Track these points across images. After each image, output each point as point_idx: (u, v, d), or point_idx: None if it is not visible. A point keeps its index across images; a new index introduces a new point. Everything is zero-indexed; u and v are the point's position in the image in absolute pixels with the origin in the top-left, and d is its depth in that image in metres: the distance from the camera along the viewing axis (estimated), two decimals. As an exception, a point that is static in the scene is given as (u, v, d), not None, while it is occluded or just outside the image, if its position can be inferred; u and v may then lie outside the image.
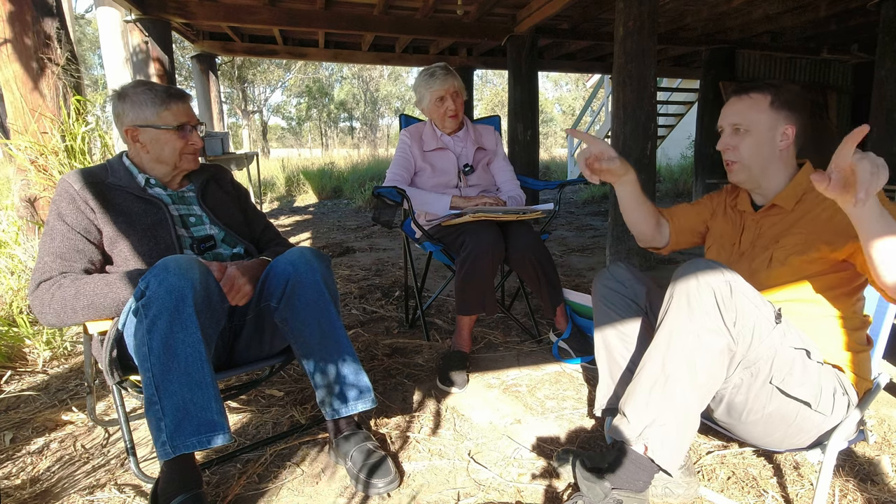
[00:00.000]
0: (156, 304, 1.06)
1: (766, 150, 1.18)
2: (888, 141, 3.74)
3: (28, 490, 1.26)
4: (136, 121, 1.33)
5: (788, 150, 1.19)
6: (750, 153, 1.19)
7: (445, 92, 2.09)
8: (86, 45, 19.60)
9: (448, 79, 2.09)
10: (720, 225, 1.36)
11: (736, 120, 1.20)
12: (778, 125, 1.17)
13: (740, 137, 1.20)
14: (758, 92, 1.18)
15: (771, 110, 1.17)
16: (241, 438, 1.48)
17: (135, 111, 1.33)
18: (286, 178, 8.75)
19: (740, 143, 1.20)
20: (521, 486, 1.27)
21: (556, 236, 4.80)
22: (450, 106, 2.10)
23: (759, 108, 1.18)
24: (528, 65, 5.25)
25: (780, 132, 1.17)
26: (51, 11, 2.64)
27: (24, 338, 2.02)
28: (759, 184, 1.23)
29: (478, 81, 17.48)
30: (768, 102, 1.17)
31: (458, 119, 2.16)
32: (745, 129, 1.19)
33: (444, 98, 2.10)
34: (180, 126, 1.36)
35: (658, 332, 1.07)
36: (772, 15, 4.74)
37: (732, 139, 1.21)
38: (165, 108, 1.34)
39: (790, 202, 1.18)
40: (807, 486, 1.25)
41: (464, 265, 1.82)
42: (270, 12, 4.72)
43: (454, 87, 2.10)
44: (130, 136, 1.35)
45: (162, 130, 1.34)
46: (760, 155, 1.19)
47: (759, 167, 1.20)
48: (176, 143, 1.36)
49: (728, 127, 1.22)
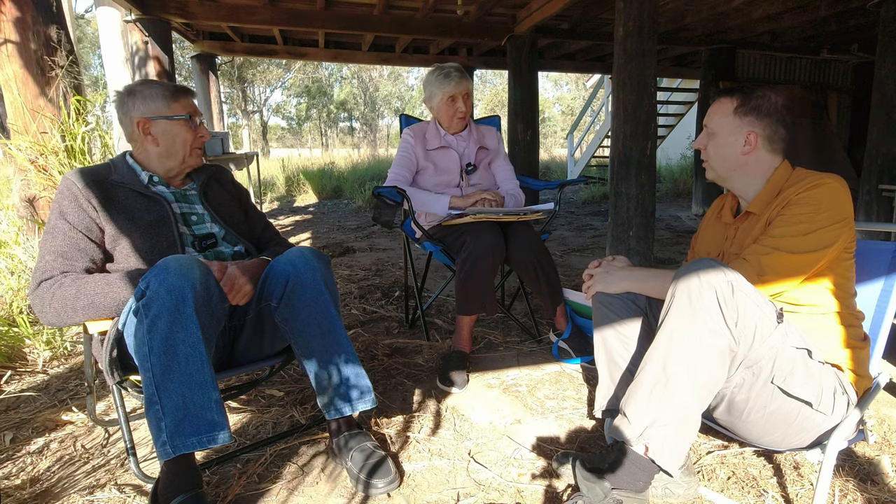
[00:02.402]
0: (156, 304, 1.06)
1: (729, 153, 1.22)
2: (888, 141, 3.74)
3: (28, 490, 1.26)
4: (146, 113, 1.34)
5: (755, 154, 1.21)
6: (715, 155, 1.25)
7: (458, 93, 2.10)
8: (86, 45, 19.59)
9: (462, 81, 2.10)
10: (702, 241, 1.40)
11: (706, 121, 1.26)
12: (740, 131, 1.20)
13: (709, 139, 1.25)
14: (726, 96, 1.22)
15: (734, 116, 1.20)
16: (241, 438, 1.48)
17: (145, 104, 1.35)
18: (286, 178, 8.76)
19: (708, 145, 1.26)
20: (521, 486, 1.27)
21: (556, 236, 4.80)
22: (460, 107, 2.12)
23: (723, 112, 1.22)
24: (528, 65, 5.25)
25: (743, 138, 1.20)
26: (51, 11, 2.64)
27: (24, 338, 2.02)
28: (731, 185, 1.28)
29: (478, 81, 17.50)
30: (733, 108, 1.20)
31: (466, 121, 2.18)
32: (712, 131, 1.24)
33: (455, 99, 2.11)
34: (190, 117, 1.38)
35: (659, 331, 1.07)
36: (772, 15, 4.74)
37: (703, 139, 1.27)
38: (175, 100, 1.37)
39: (761, 207, 1.21)
40: (807, 486, 1.25)
41: (464, 265, 1.82)
42: (270, 12, 4.72)
43: (467, 89, 2.12)
44: (142, 129, 1.35)
45: (174, 121, 1.36)
46: (723, 157, 1.23)
47: (724, 169, 1.25)
48: (186, 136, 1.38)
49: (704, 127, 1.28)
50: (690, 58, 7.27)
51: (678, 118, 9.53)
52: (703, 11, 4.75)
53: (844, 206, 1.10)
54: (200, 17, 4.55)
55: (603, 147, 9.98)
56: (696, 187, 6.36)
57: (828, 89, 6.72)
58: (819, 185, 1.11)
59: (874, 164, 3.83)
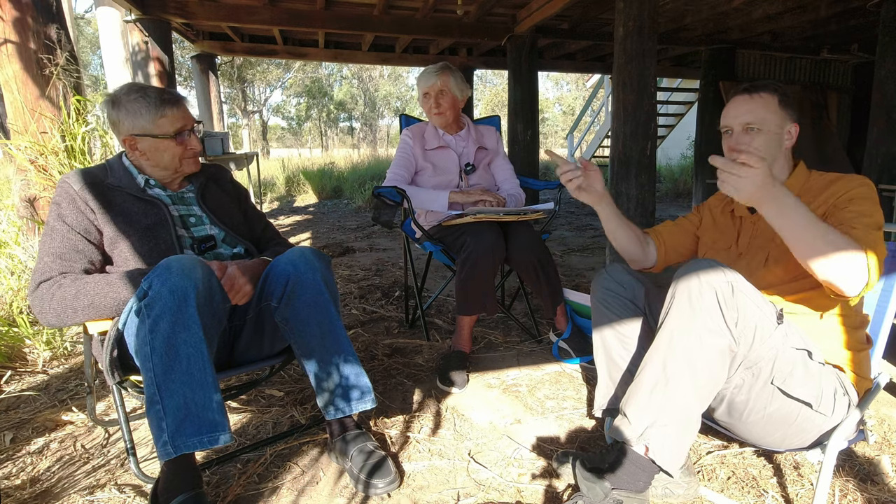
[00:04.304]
0: (158, 304, 1.06)
1: (775, 148, 1.21)
2: (888, 141, 3.74)
3: (28, 490, 1.26)
4: (132, 129, 1.32)
5: (790, 149, 1.23)
6: (765, 151, 1.20)
7: (430, 89, 2.12)
8: (86, 45, 19.59)
9: (432, 77, 2.11)
10: (710, 234, 1.38)
11: (748, 119, 1.20)
12: (785, 124, 1.20)
13: (752, 136, 1.20)
14: (767, 92, 1.20)
15: (780, 109, 1.19)
16: (241, 438, 1.48)
17: (130, 119, 1.31)
18: (286, 178, 8.76)
19: (752, 142, 1.20)
20: (521, 486, 1.27)
21: (556, 236, 4.80)
22: (432, 103, 2.13)
23: (770, 107, 1.19)
24: (528, 65, 5.25)
25: (786, 131, 1.20)
26: (51, 11, 2.64)
27: (24, 338, 2.02)
28: None
29: (478, 81, 17.47)
30: (777, 102, 1.19)
31: (444, 117, 2.16)
32: (758, 128, 1.19)
33: (428, 95, 2.14)
34: (178, 132, 1.35)
35: (659, 332, 1.07)
36: (772, 15, 4.74)
37: (745, 137, 1.21)
38: (161, 115, 1.32)
39: None
40: (807, 486, 1.25)
41: (465, 265, 1.82)
42: (270, 12, 4.72)
43: (437, 85, 2.11)
44: (129, 145, 1.34)
45: (160, 139, 1.33)
46: (770, 153, 1.20)
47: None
48: (175, 150, 1.35)
49: (738, 126, 1.21)
50: (690, 58, 7.26)
51: (678, 118, 9.53)
52: (703, 11, 4.75)
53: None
54: (200, 17, 4.55)
55: (603, 147, 9.99)
56: (696, 187, 6.36)
57: (828, 89, 6.71)
58: (863, 183, 1.12)
59: (874, 164, 3.83)
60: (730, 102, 1.25)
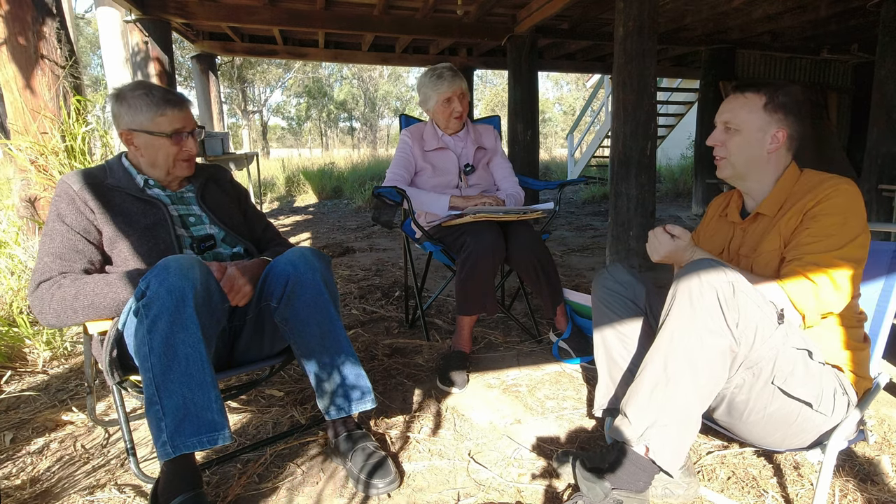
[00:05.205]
0: (157, 305, 1.06)
1: (754, 150, 1.19)
2: (888, 141, 3.74)
3: (28, 490, 1.26)
4: (130, 124, 1.33)
5: (778, 153, 1.19)
6: (737, 151, 1.20)
7: (453, 94, 2.09)
8: (86, 45, 19.59)
9: (455, 81, 2.09)
10: (707, 234, 1.37)
11: (727, 117, 1.21)
12: (769, 128, 1.17)
13: (729, 135, 1.21)
14: (753, 92, 1.18)
15: (763, 112, 1.17)
16: (241, 438, 1.48)
17: (130, 115, 1.32)
18: (286, 178, 8.76)
19: (728, 141, 1.21)
20: (521, 486, 1.27)
21: (556, 236, 4.80)
22: (456, 107, 2.11)
23: (752, 108, 1.18)
24: (528, 65, 5.25)
25: (770, 135, 1.17)
26: (51, 11, 2.64)
27: (24, 338, 2.02)
28: (745, 182, 1.24)
29: (478, 81, 17.49)
30: (762, 104, 1.17)
31: (463, 120, 2.17)
32: (735, 127, 1.19)
33: (451, 100, 2.10)
34: (175, 132, 1.34)
35: (660, 332, 1.07)
36: (772, 15, 4.74)
37: (721, 136, 1.22)
38: (161, 113, 1.32)
39: (772, 209, 1.19)
40: (807, 486, 1.25)
41: (465, 265, 1.82)
42: (270, 12, 4.72)
43: (461, 88, 2.11)
44: (125, 139, 1.34)
45: (155, 136, 1.33)
46: (746, 154, 1.19)
47: (744, 166, 1.21)
48: (169, 150, 1.35)
49: (720, 123, 1.23)
50: (690, 58, 7.27)
51: (678, 118, 9.53)
52: (703, 11, 4.75)
53: (863, 212, 1.09)
54: (200, 17, 4.55)
55: (603, 147, 9.98)
56: (696, 187, 6.36)
57: (828, 89, 6.72)
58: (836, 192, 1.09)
59: (874, 164, 3.84)
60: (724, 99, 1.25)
